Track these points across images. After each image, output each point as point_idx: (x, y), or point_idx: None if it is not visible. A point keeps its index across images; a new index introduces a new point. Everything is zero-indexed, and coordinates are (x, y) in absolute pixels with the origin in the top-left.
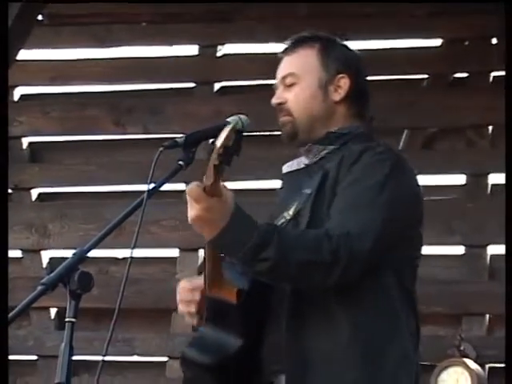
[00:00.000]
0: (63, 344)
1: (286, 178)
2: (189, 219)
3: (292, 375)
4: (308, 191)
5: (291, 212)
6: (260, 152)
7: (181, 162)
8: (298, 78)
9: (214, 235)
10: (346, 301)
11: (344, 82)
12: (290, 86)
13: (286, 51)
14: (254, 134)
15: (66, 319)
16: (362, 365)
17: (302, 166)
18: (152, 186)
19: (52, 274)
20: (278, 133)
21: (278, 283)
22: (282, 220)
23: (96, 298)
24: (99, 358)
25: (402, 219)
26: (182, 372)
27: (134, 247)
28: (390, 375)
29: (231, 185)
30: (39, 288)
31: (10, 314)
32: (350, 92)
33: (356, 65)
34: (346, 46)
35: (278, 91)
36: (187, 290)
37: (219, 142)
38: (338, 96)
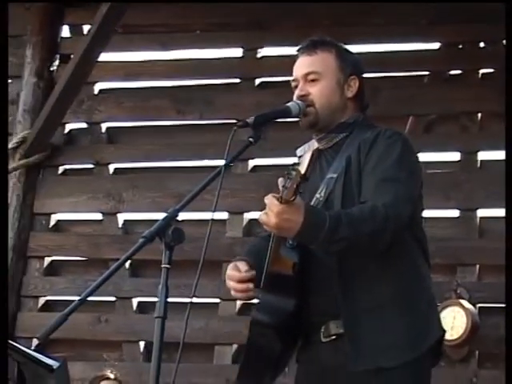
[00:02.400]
0: (160, 286)
1: (312, 160)
2: (269, 225)
3: (351, 321)
4: (334, 175)
5: (322, 194)
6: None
7: (251, 139)
8: (320, 76)
9: (296, 232)
10: (384, 262)
11: (354, 83)
12: (313, 81)
13: (305, 51)
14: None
15: (162, 265)
16: (405, 311)
17: (315, 147)
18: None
19: (151, 229)
20: None
21: (348, 253)
22: (316, 202)
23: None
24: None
25: (418, 182)
26: (248, 332)
27: (214, 210)
28: (424, 316)
29: (278, 160)
30: (141, 240)
31: (117, 263)
32: (358, 91)
33: (361, 69)
34: (352, 53)
35: (300, 84)
36: (240, 281)
37: (303, 168)
38: (350, 93)
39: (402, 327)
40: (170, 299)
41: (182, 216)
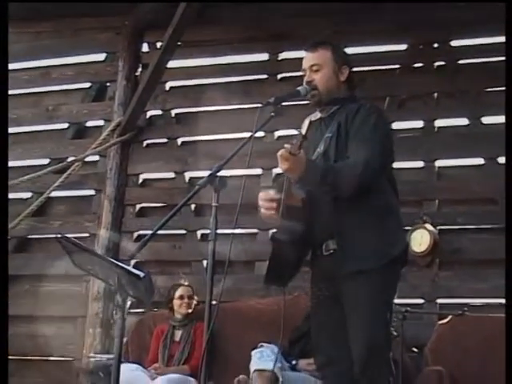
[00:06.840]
0: (211, 218)
1: (310, 126)
2: (282, 170)
3: (342, 238)
4: (329, 135)
5: (322, 148)
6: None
7: (272, 114)
8: (321, 67)
9: (299, 176)
10: (365, 198)
11: (345, 71)
12: (316, 71)
13: (310, 49)
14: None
15: (212, 204)
16: (380, 231)
17: (318, 117)
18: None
19: (203, 179)
20: None
21: (336, 193)
22: (317, 154)
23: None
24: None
25: (388, 142)
26: (271, 247)
27: (248, 166)
28: (393, 234)
29: (296, 131)
30: (196, 187)
31: (179, 205)
32: (348, 76)
33: (350, 61)
34: (344, 50)
35: (307, 73)
36: (268, 201)
37: (304, 130)
38: (342, 78)
39: (378, 241)
40: (223, 230)
41: (231, 172)
